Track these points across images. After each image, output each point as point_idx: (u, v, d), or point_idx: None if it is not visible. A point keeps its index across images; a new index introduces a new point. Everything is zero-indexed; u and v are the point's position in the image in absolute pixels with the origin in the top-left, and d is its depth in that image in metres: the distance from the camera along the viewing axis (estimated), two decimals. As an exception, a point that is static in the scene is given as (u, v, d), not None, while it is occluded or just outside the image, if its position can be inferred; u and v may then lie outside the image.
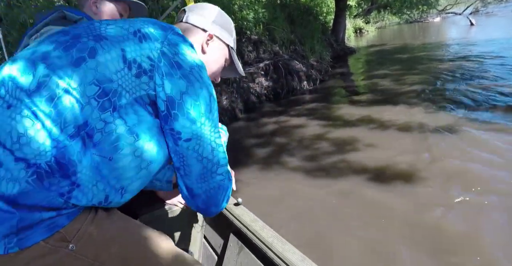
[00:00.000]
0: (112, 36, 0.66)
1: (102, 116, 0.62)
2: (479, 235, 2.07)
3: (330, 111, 5.23)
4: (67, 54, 0.63)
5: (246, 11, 6.40)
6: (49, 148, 0.59)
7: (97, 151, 0.62)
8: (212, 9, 0.91)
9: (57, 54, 0.63)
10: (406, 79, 6.45)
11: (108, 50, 0.64)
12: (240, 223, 1.12)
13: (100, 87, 0.62)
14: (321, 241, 2.22)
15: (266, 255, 0.97)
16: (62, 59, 0.62)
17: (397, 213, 2.38)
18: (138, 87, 0.65)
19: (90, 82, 0.61)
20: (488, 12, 22.13)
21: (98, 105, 0.62)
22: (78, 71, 0.62)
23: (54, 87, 0.60)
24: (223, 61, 0.95)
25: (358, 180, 2.90)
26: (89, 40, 0.65)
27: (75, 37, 0.65)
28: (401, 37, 16.07)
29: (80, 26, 0.70)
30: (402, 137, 3.69)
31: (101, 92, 0.62)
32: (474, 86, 5.20)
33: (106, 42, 0.65)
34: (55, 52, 0.63)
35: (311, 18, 8.57)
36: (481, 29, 13.38)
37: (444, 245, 2.01)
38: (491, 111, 4.03)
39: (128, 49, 0.65)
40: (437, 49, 9.95)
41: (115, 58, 0.64)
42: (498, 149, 3.06)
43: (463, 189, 2.55)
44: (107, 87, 0.62)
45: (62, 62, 0.62)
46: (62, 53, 0.63)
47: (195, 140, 0.71)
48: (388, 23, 24.88)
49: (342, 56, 10.83)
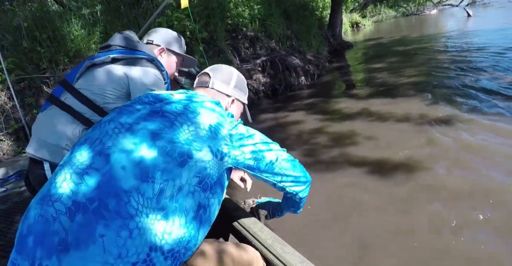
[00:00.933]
0: (197, 137, 0.87)
1: (205, 195, 0.84)
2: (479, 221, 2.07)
3: (328, 106, 5.22)
4: (172, 158, 0.82)
5: (241, 8, 6.38)
6: (186, 237, 0.79)
7: (208, 224, 0.86)
8: (233, 75, 1.16)
9: (164, 159, 0.81)
10: (403, 72, 6.44)
11: (200, 149, 0.86)
12: (240, 225, 1.12)
13: (200, 177, 0.84)
14: (317, 235, 2.22)
15: (266, 257, 0.98)
16: (170, 163, 0.81)
17: (397, 205, 2.38)
18: (222, 166, 0.90)
19: (193, 176, 0.82)
20: (485, 3, 22.05)
21: (201, 189, 0.83)
22: (184, 170, 0.82)
23: (171, 187, 0.79)
24: (239, 116, 1.22)
25: (357, 173, 2.90)
26: (183, 144, 0.85)
27: (171, 142, 0.84)
28: (398, 31, 16.01)
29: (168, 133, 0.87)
30: (402, 129, 3.68)
31: (200, 179, 0.84)
32: (473, 77, 5.19)
33: (196, 144, 0.86)
34: (161, 158, 0.81)
35: (307, 13, 8.53)
36: (479, 20, 13.35)
37: (446, 237, 2.01)
38: (490, 101, 4.02)
39: (212, 144, 0.88)
40: (435, 41, 9.92)
41: (206, 154, 0.86)
42: (496, 137, 3.06)
43: (464, 179, 2.55)
44: (204, 175, 0.84)
45: (171, 166, 0.81)
46: (168, 159, 0.81)
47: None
48: (385, 17, 24.79)
49: (339, 51, 10.80)
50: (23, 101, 3.90)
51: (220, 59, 5.58)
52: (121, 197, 0.74)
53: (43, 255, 0.69)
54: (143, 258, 0.70)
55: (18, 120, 3.78)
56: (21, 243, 0.73)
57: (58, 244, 0.69)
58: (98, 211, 0.72)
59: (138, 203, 0.74)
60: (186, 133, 0.87)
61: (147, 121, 0.88)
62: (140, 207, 0.74)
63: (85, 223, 0.70)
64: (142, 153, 0.81)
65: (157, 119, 0.89)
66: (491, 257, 1.81)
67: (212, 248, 0.90)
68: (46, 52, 4.06)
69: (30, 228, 0.74)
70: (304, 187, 1.08)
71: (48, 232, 0.70)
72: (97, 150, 0.83)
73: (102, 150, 0.83)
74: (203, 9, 5.46)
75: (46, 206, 0.75)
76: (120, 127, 0.87)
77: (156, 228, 0.74)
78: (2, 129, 3.74)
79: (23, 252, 0.71)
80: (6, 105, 3.83)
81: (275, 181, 1.02)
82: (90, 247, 0.68)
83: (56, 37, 4.19)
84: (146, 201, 0.75)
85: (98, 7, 5.10)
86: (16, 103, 3.66)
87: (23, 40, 3.98)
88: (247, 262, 0.95)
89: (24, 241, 0.72)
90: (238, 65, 5.89)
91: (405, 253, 1.93)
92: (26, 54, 4.00)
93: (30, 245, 0.71)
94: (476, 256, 1.83)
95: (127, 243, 0.70)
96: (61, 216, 0.72)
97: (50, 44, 4.12)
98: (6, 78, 3.57)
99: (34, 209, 0.77)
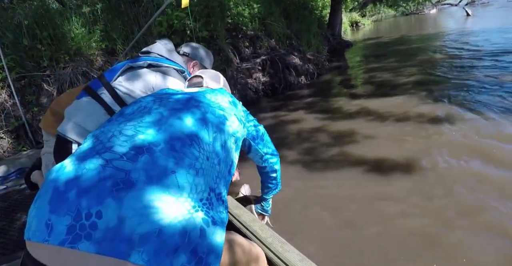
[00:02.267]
0: (225, 107, 1.03)
1: (236, 155, 1.00)
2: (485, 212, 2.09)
3: (327, 105, 5.23)
4: (216, 116, 0.95)
5: (241, 7, 6.38)
6: (226, 186, 0.90)
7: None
8: (220, 76, 1.35)
9: (210, 117, 0.93)
10: (403, 71, 6.45)
11: (230, 115, 1.00)
12: (240, 223, 1.13)
13: (234, 137, 0.98)
14: (316, 233, 2.23)
15: (266, 255, 0.99)
16: (214, 121, 0.93)
17: (396, 204, 2.39)
18: (243, 133, 1.08)
19: (230, 135, 0.96)
20: (484, 3, 22.06)
21: (235, 148, 0.99)
22: (225, 127, 0.95)
23: (220, 139, 0.90)
24: None
25: (357, 172, 2.91)
26: (218, 109, 0.99)
27: (209, 106, 0.98)
28: (398, 30, 16.02)
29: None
30: (401, 128, 3.70)
31: (235, 139, 0.99)
32: (472, 76, 5.21)
33: (226, 112, 1.01)
34: (206, 115, 0.93)
35: (307, 13, 8.53)
36: (478, 20, 13.36)
37: (445, 235, 2.03)
38: (489, 101, 4.04)
39: (236, 113, 1.05)
40: (434, 41, 9.93)
41: (234, 120, 1.02)
42: (496, 136, 3.08)
43: (463, 178, 2.57)
44: (236, 137, 0.99)
45: (216, 122, 0.93)
46: (212, 116, 0.94)
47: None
48: (384, 16, 24.79)
49: (338, 50, 10.81)
50: (24, 99, 3.91)
51: (221, 58, 5.58)
52: (184, 140, 0.79)
53: (91, 203, 0.62)
54: (206, 196, 0.75)
55: (19, 118, 3.78)
56: (56, 202, 0.65)
57: (113, 185, 0.65)
58: (166, 151, 0.74)
59: (199, 146, 0.80)
60: (216, 104, 1.00)
61: (179, 101, 0.96)
62: (202, 150, 0.80)
63: (153, 161, 0.71)
64: (190, 111, 0.90)
65: (188, 102, 0.96)
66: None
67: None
68: (46, 50, 4.06)
69: (68, 184, 0.67)
70: (277, 159, 1.32)
71: (97, 179, 0.66)
72: (146, 111, 0.90)
73: (150, 110, 0.90)
74: (203, 8, 5.46)
75: (89, 159, 0.71)
76: (159, 101, 0.96)
77: (213, 171, 0.81)
78: (3, 127, 3.75)
79: (60, 209, 0.63)
80: (6, 103, 3.83)
81: (263, 153, 1.23)
82: (163, 180, 0.69)
83: (56, 35, 4.19)
84: (205, 145, 0.82)
85: (99, 6, 5.10)
86: (17, 101, 3.67)
87: (24, 38, 3.98)
88: (255, 255, 0.97)
89: (61, 198, 0.65)
90: (238, 64, 5.90)
91: (410, 254, 1.94)
92: (27, 52, 4.01)
93: (72, 199, 0.64)
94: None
95: (196, 181, 0.73)
96: (115, 161, 0.69)
97: (50, 42, 4.13)
98: (6, 76, 3.58)
99: (70, 166, 0.71)
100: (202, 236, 0.67)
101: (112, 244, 0.58)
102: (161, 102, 0.94)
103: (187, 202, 0.69)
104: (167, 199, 0.66)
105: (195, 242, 0.65)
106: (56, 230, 0.60)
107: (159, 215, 0.63)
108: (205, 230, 0.68)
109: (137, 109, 0.93)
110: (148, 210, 0.62)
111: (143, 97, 1.03)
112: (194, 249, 0.64)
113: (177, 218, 0.64)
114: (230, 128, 0.95)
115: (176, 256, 0.61)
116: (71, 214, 0.61)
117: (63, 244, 0.59)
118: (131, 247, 0.58)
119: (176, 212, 0.65)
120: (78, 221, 0.60)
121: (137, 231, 0.59)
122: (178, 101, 0.94)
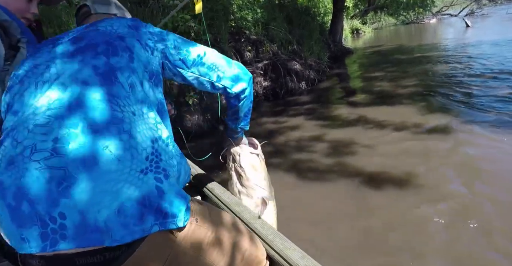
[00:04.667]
0: (125, 33, 0.88)
1: (158, 91, 0.88)
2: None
3: (327, 112, 5.29)
4: (120, 57, 0.81)
5: (245, 11, 6.43)
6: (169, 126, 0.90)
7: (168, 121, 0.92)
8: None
9: (114, 60, 0.81)
10: (402, 80, 6.52)
11: (133, 43, 0.86)
12: (240, 221, 1.15)
13: (148, 72, 0.85)
14: (309, 241, 2.25)
15: (267, 253, 0.98)
16: (120, 62, 0.81)
17: (393, 215, 2.43)
18: (155, 61, 0.90)
19: (143, 70, 0.83)
20: (483, 14, 22.27)
21: (153, 84, 0.86)
22: (133, 64, 0.82)
23: (137, 81, 0.81)
24: None
25: (353, 181, 2.95)
26: (120, 42, 0.85)
27: (109, 44, 0.83)
28: (398, 39, 16.14)
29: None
30: (399, 138, 3.75)
31: (150, 75, 0.85)
32: (471, 88, 5.28)
33: (128, 39, 0.87)
34: (110, 58, 0.80)
35: (309, 19, 8.60)
36: (477, 31, 13.49)
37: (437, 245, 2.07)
38: (487, 112, 4.10)
39: (139, 38, 0.88)
40: (434, 51, 10.03)
41: (140, 48, 0.86)
42: (493, 147, 3.13)
43: (460, 189, 2.62)
44: (150, 70, 0.85)
45: (123, 63, 0.81)
46: (117, 58, 0.81)
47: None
48: (385, 24, 24.93)
49: (339, 57, 10.86)
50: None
51: (223, 61, 5.61)
52: (100, 107, 0.71)
53: (48, 208, 0.62)
54: (150, 151, 0.72)
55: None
56: (17, 218, 0.64)
57: (58, 186, 0.63)
58: (89, 130, 0.68)
59: (118, 105, 0.73)
60: (114, 34, 0.84)
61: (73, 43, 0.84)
62: (123, 108, 0.73)
63: (81, 145, 0.66)
64: (92, 63, 0.77)
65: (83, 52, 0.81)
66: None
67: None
68: (51, 48, 4.07)
69: (16, 198, 0.64)
70: (246, 84, 1.03)
71: (40, 185, 0.64)
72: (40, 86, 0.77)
73: (43, 83, 0.77)
74: (207, 11, 5.50)
75: (19, 165, 0.66)
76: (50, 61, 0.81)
77: (145, 122, 0.75)
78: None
79: (25, 223, 0.63)
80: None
81: (212, 80, 0.97)
82: (101, 160, 0.66)
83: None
84: (124, 101, 0.75)
85: (104, 5, 5.11)
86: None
87: (29, 36, 3.99)
88: (256, 263, 0.94)
89: (18, 213, 0.63)
90: (240, 67, 5.93)
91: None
92: (32, 50, 4.01)
93: (27, 211, 0.63)
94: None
95: (132, 143, 0.70)
96: (46, 161, 0.65)
97: (56, 40, 4.14)
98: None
99: (6, 178, 0.66)
100: (160, 193, 0.69)
101: (85, 237, 0.62)
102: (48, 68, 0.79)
103: (133, 170, 0.68)
104: (112, 177, 0.65)
105: (156, 201, 0.67)
106: (33, 241, 0.63)
107: (112, 195, 0.64)
108: (161, 186, 0.69)
109: (25, 89, 0.78)
110: (99, 196, 0.64)
111: (18, 66, 0.85)
112: (158, 207, 0.67)
113: (129, 189, 0.66)
114: (140, 63, 0.82)
115: (143, 221, 0.65)
116: (36, 223, 0.62)
117: (45, 250, 0.63)
118: (102, 233, 0.63)
119: (126, 185, 0.66)
120: (46, 227, 0.62)
121: (100, 219, 0.63)
122: (69, 57, 0.80)
